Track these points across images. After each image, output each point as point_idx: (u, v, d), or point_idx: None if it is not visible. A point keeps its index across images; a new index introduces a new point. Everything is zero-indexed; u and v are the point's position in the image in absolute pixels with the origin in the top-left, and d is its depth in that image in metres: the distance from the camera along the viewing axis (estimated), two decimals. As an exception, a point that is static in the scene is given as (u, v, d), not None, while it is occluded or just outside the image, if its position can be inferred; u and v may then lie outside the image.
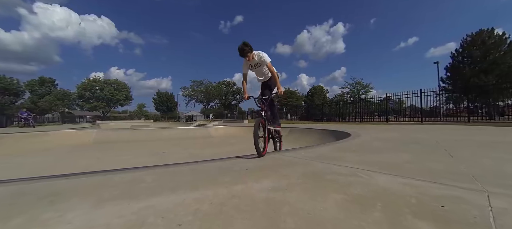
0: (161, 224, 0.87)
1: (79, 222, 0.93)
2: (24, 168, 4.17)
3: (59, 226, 0.90)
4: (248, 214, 0.97)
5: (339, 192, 1.23)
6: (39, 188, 1.46)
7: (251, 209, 1.02)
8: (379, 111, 15.42)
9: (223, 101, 48.85)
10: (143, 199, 1.17)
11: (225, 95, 48.76)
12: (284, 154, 2.64)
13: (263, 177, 1.59)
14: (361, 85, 36.61)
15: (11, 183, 1.62)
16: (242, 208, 1.03)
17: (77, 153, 6.15)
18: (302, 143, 6.49)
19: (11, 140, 7.23)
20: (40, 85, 43.27)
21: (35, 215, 1.00)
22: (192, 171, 1.81)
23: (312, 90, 49.22)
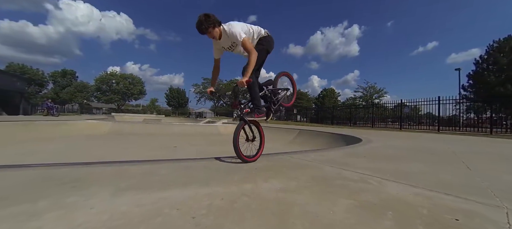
0: (176, 216, 0.92)
1: (101, 208, 0.99)
2: (47, 154, 4.45)
3: (82, 210, 0.97)
4: (258, 212, 1.00)
5: (348, 198, 1.22)
6: (62, 174, 1.57)
7: (261, 208, 1.05)
8: (393, 118, 14.92)
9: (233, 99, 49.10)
10: (157, 191, 1.23)
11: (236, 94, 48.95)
12: (293, 156, 2.64)
13: (272, 177, 1.61)
14: (375, 90, 35.56)
15: (38, 168, 1.75)
16: (252, 206, 1.06)
17: (94, 143, 6.46)
18: (311, 146, 6.44)
19: (37, 127, 7.71)
20: (62, 76, 45.76)
21: (60, 198, 1.08)
22: (203, 167, 1.86)
23: (323, 92, 48.44)
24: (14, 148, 4.88)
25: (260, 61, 2.15)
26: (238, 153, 1.99)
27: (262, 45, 2.21)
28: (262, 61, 2.20)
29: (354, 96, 38.82)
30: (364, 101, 34.50)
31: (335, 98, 46.88)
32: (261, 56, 2.13)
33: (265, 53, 2.23)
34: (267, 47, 2.24)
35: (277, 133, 9.98)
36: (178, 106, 49.53)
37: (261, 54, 2.13)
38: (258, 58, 2.06)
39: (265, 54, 2.25)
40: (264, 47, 2.21)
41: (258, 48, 2.14)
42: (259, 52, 2.09)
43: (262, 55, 2.18)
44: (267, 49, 2.25)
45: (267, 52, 2.26)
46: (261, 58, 2.14)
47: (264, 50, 2.20)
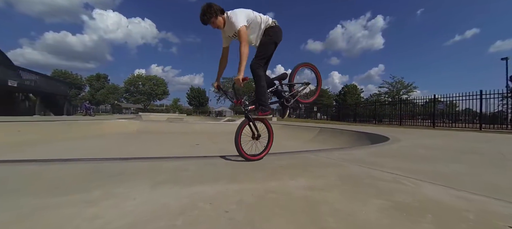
0: (210, 209, 0.98)
1: (142, 199, 1.09)
2: (89, 149, 4.96)
3: (128, 201, 1.07)
4: (288, 209, 1.01)
5: (380, 198, 1.18)
6: (106, 167, 1.75)
7: (290, 205, 1.06)
8: (424, 115, 13.74)
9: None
10: (189, 186, 1.31)
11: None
12: (317, 155, 2.59)
13: (298, 175, 1.61)
14: (402, 85, 33.07)
15: (86, 162, 1.97)
16: (281, 203, 1.08)
17: (125, 140, 7.02)
18: (332, 144, 6.24)
19: (78, 126, 8.61)
20: (96, 80, 50.26)
21: (109, 189, 1.21)
22: (228, 164, 1.93)
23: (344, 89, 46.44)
24: (62, 144, 5.51)
25: (268, 53, 2.03)
26: (240, 151, 1.93)
27: (269, 36, 2.04)
28: (269, 53, 2.06)
29: (378, 92, 36.58)
30: (390, 97, 32.29)
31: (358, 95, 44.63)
32: (268, 49, 2.01)
33: (272, 45, 2.06)
34: (275, 39, 2.06)
35: (297, 131, 9.85)
36: (198, 105, 51.42)
37: (267, 46, 2.01)
38: (265, 51, 1.98)
39: (273, 46, 2.07)
40: (271, 39, 2.04)
41: (264, 39, 2.02)
42: (266, 45, 1.99)
43: (269, 48, 2.04)
44: (275, 41, 2.07)
45: (274, 44, 2.07)
46: (268, 51, 2.02)
47: (271, 42, 2.04)
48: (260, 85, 1.95)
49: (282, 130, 10.72)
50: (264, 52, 2.00)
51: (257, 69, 1.95)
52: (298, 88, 2.33)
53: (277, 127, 11.43)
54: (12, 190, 1.22)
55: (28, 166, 1.76)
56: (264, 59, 2.00)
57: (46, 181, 1.38)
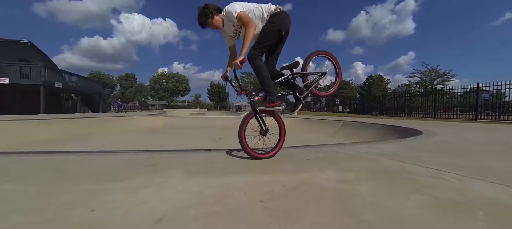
0: (245, 198, 1.01)
1: (180, 188, 1.17)
2: (124, 143, 5.42)
3: (167, 189, 1.16)
4: (321, 200, 1.00)
5: (421, 193, 1.10)
6: (143, 158, 1.89)
7: (323, 196, 1.05)
8: (463, 106, 12.37)
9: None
10: (221, 176, 1.37)
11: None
12: (343, 148, 2.50)
13: (326, 168, 1.58)
14: (437, 73, 30.04)
15: (125, 153, 2.15)
16: (313, 194, 1.07)
17: (154, 134, 7.51)
18: (357, 138, 5.97)
19: (113, 122, 9.43)
20: (125, 79, 54.19)
21: (150, 178, 1.32)
22: (255, 156, 1.95)
23: (369, 80, 43.72)
24: (101, 137, 6.10)
25: (267, 41, 1.82)
26: (244, 147, 1.79)
27: (272, 22, 1.83)
28: (270, 41, 1.84)
29: (408, 83, 33.74)
30: (422, 87, 29.59)
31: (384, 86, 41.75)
32: (267, 36, 1.81)
33: (274, 32, 1.83)
34: (278, 25, 1.83)
35: (318, 125, 9.59)
36: (219, 100, 52.75)
37: (267, 33, 1.81)
38: (265, 38, 1.79)
39: (275, 34, 1.84)
40: (273, 25, 1.83)
41: (265, 26, 1.84)
42: (266, 32, 1.81)
43: (270, 35, 1.82)
44: (278, 28, 1.83)
45: (278, 31, 1.84)
46: (268, 38, 1.82)
47: (272, 29, 1.82)
48: (261, 75, 1.79)
49: (303, 124, 10.53)
50: (262, 40, 1.81)
51: (254, 59, 1.77)
52: (313, 79, 2.09)
53: (298, 121, 11.25)
54: (70, 176, 1.39)
55: (79, 156, 1.98)
56: (262, 48, 1.81)
57: (95, 169, 1.55)
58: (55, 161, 1.77)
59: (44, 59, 18.98)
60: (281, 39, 1.94)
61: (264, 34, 1.83)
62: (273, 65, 2.00)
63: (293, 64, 2.04)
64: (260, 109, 1.86)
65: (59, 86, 15.88)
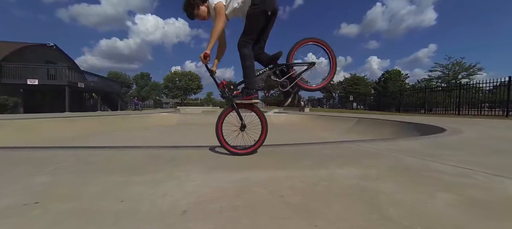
0: (265, 193, 1.02)
1: (200, 182, 1.20)
2: (142, 138, 5.66)
3: (188, 182, 1.20)
4: (344, 197, 0.99)
5: (448, 192, 1.05)
6: (162, 153, 1.97)
7: (345, 193, 1.03)
8: (492, 102, 11.50)
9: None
10: (239, 171, 1.39)
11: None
12: (361, 145, 2.44)
13: (345, 164, 1.55)
14: (462, 67, 28.09)
15: (145, 148, 2.25)
16: (334, 190, 1.06)
17: (169, 131, 7.76)
18: (373, 135, 5.78)
19: (130, 119, 9.87)
20: (141, 78, 56.28)
21: (171, 172, 1.37)
22: (272, 152, 1.96)
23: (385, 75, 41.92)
24: (121, 133, 6.42)
25: (255, 27, 1.70)
26: (221, 143, 1.75)
27: (254, 4, 1.67)
28: (258, 26, 1.71)
29: (428, 77, 31.91)
30: (445, 82, 27.86)
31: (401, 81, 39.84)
32: (254, 21, 1.67)
33: (260, 16, 1.67)
34: (263, 6, 1.67)
35: (331, 121, 9.38)
36: (230, 98, 53.24)
37: (253, 18, 1.67)
38: (251, 24, 1.68)
39: (261, 17, 1.68)
40: (256, 7, 1.66)
41: (249, 11, 1.69)
42: (251, 17, 1.67)
43: (256, 19, 1.68)
44: (263, 9, 1.67)
45: (263, 13, 1.67)
46: (255, 24, 1.68)
47: (258, 12, 1.66)
48: (244, 64, 1.71)
49: (316, 121, 10.36)
50: (249, 26, 1.70)
51: (242, 48, 1.70)
52: (299, 70, 1.91)
53: (310, 118, 11.08)
54: (98, 169, 1.48)
55: (104, 151, 2.10)
56: (251, 35, 1.71)
57: (120, 163, 1.64)
58: (84, 155, 1.89)
59: (68, 61, 20.18)
60: (268, 20, 1.77)
61: (249, 19, 1.70)
62: (262, 48, 1.88)
63: (275, 55, 1.88)
64: (237, 102, 1.79)
65: (82, 86, 16.85)
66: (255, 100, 1.74)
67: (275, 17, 1.81)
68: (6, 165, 1.58)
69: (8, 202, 0.92)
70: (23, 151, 2.08)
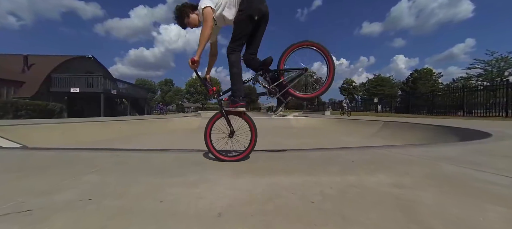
0: (295, 198, 1.02)
1: (230, 185, 1.24)
2: (169, 141, 5.99)
3: (219, 186, 1.24)
4: (377, 204, 0.95)
5: (503, 206, 0.95)
6: (190, 156, 2.06)
7: (378, 201, 0.99)
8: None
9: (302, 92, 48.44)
10: (265, 176, 1.40)
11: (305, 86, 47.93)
12: (390, 151, 2.30)
13: (375, 171, 1.48)
14: (508, 63, 24.97)
15: (174, 152, 2.38)
16: (367, 198, 1.02)
17: (192, 134, 8.08)
18: (402, 140, 5.40)
19: (157, 123, 10.51)
20: (165, 85, 59.77)
21: (202, 175, 1.44)
22: (296, 157, 1.95)
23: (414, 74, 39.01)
24: (149, 136, 6.87)
25: (242, 32, 1.67)
26: (209, 149, 1.75)
27: (240, 10, 1.65)
28: (247, 30, 1.68)
29: (466, 75, 28.87)
30: (487, 80, 24.96)
31: (433, 81, 36.67)
32: (241, 27, 1.65)
33: (246, 21, 1.64)
34: (249, 11, 1.63)
35: (355, 126, 8.96)
36: (250, 102, 53.89)
37: (240, 24, 1.65)
38: (238, 30, 1.66)
39: (248, 21, 1.64)
40: (242, 13, 1.64)
41: (236, 17, 1.68)
42: (238, 22, 1.66)
43: (242, 25, 1.65)
44: (249, 14, 1.63)
45: (249, 18, 1.64)
46: (242, 29, 1.65)
47: (244, 17, 1.64)
48: (231, 72, 1.70)
49: (336, 125, 9.99)
50: (236, 32, 1.69)
51: (229, 54, 1.69)
52: (290, 77, 1.83)
53: (331, 122, 10.72)
54: (135, 170, 1.61)
55: (138, 153, 2.27)
56: (239, 41, 1.69)
57: (154, 165, 1.76)
58: (121, 157, 2.07)
59: (103, 70, 22.25)
60: (257, 25, 1.73)
61: (236, 25, 1.69)
62: (253, 53, 1.83)
63: (265, 61, 1.81)
64: (225, 109, 1.78)
65: (114, 93, 18.43)
66: (241, 108, 1.70)
67: (265, 22, 1.78)
68: (61, 164, 1.80)
69: (68, 197, 1.05)
70: (72, 152, 2.35)
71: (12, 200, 1.01)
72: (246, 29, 1.68)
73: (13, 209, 0.93)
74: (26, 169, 1.65)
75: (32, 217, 0.86)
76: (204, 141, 1.76)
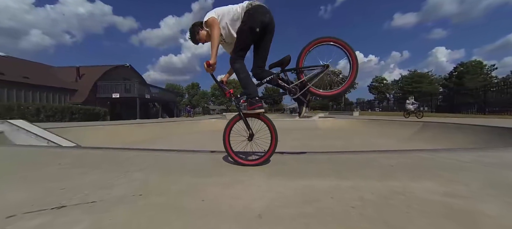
0: (333, 202, 1.00)
1: (265, 187, 1.25)
2: (197, 142, 6.32)
3: (253, 187, 1.27)
4: (427, 214, 0.87)
5: None
6: (219, 158, 2.14)
7: (428, 210, 0.91)
8: None
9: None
10: (299, 178, 1.39)
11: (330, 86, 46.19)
12: (434, 155, 2.08)
13: (420, 177, 1.36)
14: None
15: (204, 153, 2.50)
16: (413, 206, 0.94)
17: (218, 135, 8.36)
18: (446, 144, 4.83)
19: (185, 125, 11.15)
20: (192, 88, 63.09)
21: (234, 176, 1.49)
22: (327, 160, 1.89)
23: (458, 68, 34.67)
24: (180, 137, 7.32)
25: (243, 43, 1.75)
26: (229, 153, 1.74)
27: (243, 22, 1.73)
28: (248, 41, 1.75)
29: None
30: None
31: (485, 75, 32.12)
32: (242, 37, 1.74)
33: (246, 32, 1.71)
34: (249, 23, 1.69)
35: (388, 127, 8.30)
36: (273, 103, 53.86)
37: (241, 35, 1.73)
38: (240, 41, 1.74)
39: (248, 33, 1.71)
40: (243, 25, 1.72)
41: (239, 27, 1.75)
42: (239, 33, 1.74)
43: (243, 36, 1.73)
44: (250, 26, 1.69)
45: (250, 30, 1.69)
46: (243, 40, 1.74)
47: (245, 29, 1.71)
48: (239, 78, 1.78)
49: (368, 126, 9.37)
50: (238, 43, 1.77)
51: (233, 64, 1.79)
52: (310, 75, 1.79)
53: (361, 122, 10.10)
54: (174, 169, 1.73)
55: (173, 154, 2.44)
56: (240, 51, 1.77)
57: (190, 165, 1.88)
58: (160, 157, 2.25)
59: (138, 76, 24.45)
60: (261, 37, 1.76)
61: (238, 36, 1.76)
62: (261, 66, 1.85)
63: (282, 60, 1.80)
64: (243, 112, 1.78)
65: (148, 97, 20.10)
66: (259, 110, 1.71)
67: (270, 33, 1.80)
68: (111, 162, 2.04)
69: (121, 193, 1.19)
70: (117, 152, 2.63)
71: (80, 192, 1.18)
72: (247, 40, 1.75)
73: (81, 200, 1.09)
74: (86, 166, 1.90)
75: (96, 208, 1.00)
76: (223, 145, 1.78)
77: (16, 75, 14.54)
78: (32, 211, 0.96)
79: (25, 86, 14.66)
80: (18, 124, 5.05)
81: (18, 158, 2.39)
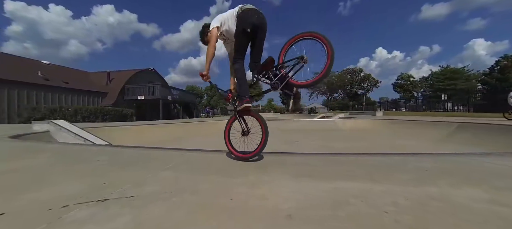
0: (365, 206, 0.96)
1: (292, 188, 1.25)
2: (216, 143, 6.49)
3: (280, 188, 1.28)
4: (474, 224, 0.80)
5: None
6: (244, 158, 2.18)
7: (474, 220, 0.84)
8: None
9: (347, 91, 44.81)
10: (325, 180, 1.37)
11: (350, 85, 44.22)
12: (474, 159, 1.90)
13: (461, 183, 1.25)
14: None
15: (225, 153, 2.56)
16: (457, 214, 0.88)
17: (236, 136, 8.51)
18: (490, 147, 4.36)
19: (205, 125, 11.52)
20: (210, 89, 65.00)
21: (259, 176, 1.51)
22: (353, 162, 1.83)
23: (501, 61, 31.05)
24: (199, 138, 7.58)
25: (239, 45, 1.95)
26: (229, 149, 2.01)
27: (235, 26, 1.94)
28: (244, 42, 1.94)
29: None
30: None
31: (532, 69, 28.37)
32: (237, 40, 1.95)
33: (241, 33, 1.89)
34: (241, 25, 1.89)
35: (417, 128, 7.73)
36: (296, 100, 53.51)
37: (236, 38, 1.95)
38: (236, 43, 1.96)
39: (242, 34, 1.89)
40: (237, 28, 1.92)
41: (235, 32, 1.95)
42: (236, 36, 1.94)
43: (238, 39, 1.93)
44: (242, 28, 1.88)
45: (243, 32, 1.88)
46: (238, 42, 1.94)
47: (238, 31, 1.91)
48: (236, 77, 2.00)
49: (393, 126, 8.81)
50: (236, 44, 1.98)
51: (233, 64, 2.01)
52: (288, 69, 1.91)
53: (385, 123, 9.53)
54: (202, 168, 1.81)
55: (201, 154, 2.54)
56: (238, 52, 1.98)
57: (215, 165, 1.94)
58: (186, 156, 2.35)
59: (161, 79, 25.80)
60: (254, 36, 1.94)
61: (236, 38, 1.96)
62: (256, 61, 2.04)
63: (266, 61, 1.97)
64: (237, 110, 2.02)
65: (170, 99, 21.12)
66: (246, 104, 1.91)
67: (261, 32, 1.95)
68: (143, 161, 2.18)
69: (154, 189, 1.27)
70: (147, 150, 2.81)
71: (119, 187, 1.29)
72: (242, 42, 1.95)
73: (120, 194, 1.19)
74: (121, 163, 2.06)
75: (135, 203, 1.08)
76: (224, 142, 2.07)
77: (58, 81, 16.27)
78: (82, 202, 1.08)
79: (65, 90, 16.35)
80: (60, 124, 5.65)
81: (64, 155, 2.67)
